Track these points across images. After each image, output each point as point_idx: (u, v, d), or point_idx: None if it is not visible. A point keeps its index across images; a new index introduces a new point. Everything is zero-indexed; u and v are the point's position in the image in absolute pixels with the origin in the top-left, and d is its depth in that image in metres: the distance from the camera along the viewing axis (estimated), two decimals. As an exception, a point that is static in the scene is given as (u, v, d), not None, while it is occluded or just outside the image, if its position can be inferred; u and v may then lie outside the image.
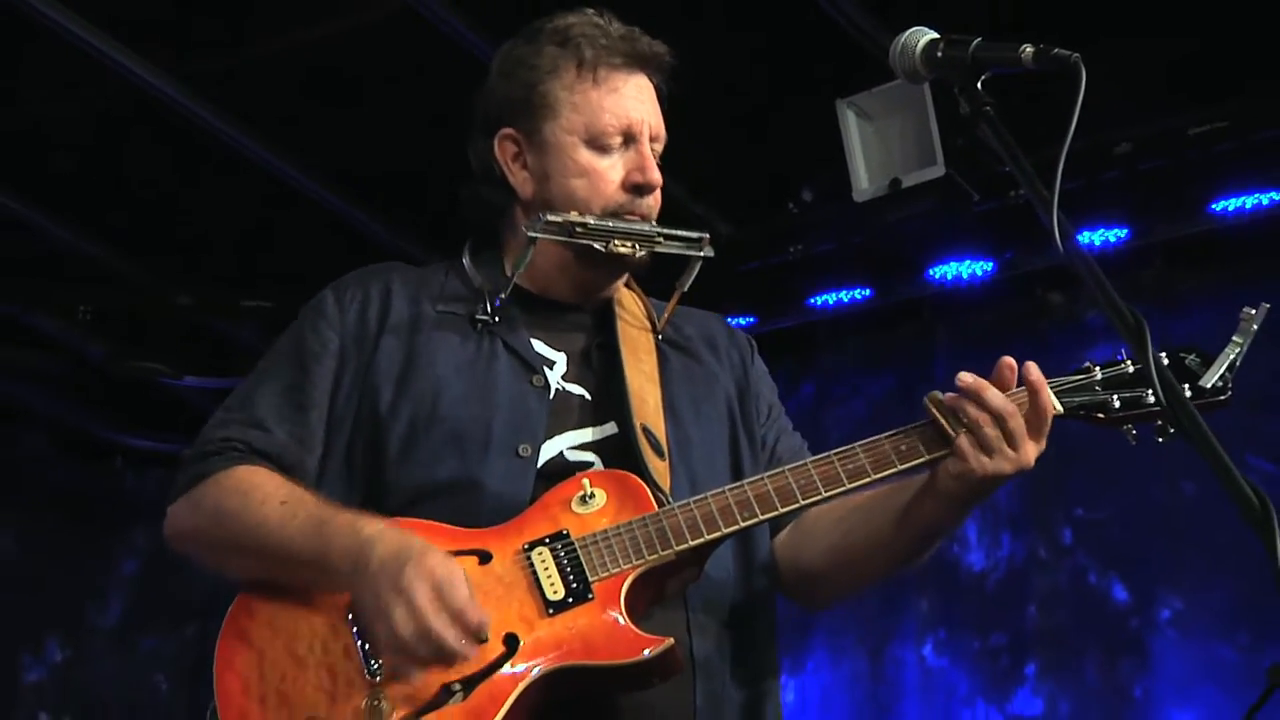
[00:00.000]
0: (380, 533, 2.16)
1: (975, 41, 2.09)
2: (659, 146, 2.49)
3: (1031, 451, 2.23)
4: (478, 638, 2.10)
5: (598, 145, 2.43)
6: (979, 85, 2.08)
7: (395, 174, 5.31)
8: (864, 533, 2.38)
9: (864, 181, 5.01)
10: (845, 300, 5.72)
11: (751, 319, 5.83)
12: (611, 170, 2.43)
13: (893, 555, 2.38)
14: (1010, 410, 2.21)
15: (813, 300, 5.75)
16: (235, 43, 4.93)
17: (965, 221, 5.28)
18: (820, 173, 5.26)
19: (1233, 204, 4.97)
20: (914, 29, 2.17)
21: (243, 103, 5.17)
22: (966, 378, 2.23)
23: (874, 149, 4.99)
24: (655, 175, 2.45)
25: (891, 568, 2.41)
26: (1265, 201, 4.93)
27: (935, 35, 2.15)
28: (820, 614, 5.65)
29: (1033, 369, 2.25)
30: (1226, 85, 4.80)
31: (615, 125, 2.43)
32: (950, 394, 2.24)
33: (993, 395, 2.21)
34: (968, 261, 5.45)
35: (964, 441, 2.20)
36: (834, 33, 4.61)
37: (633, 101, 2.45)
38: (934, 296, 5.62)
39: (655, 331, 2.54)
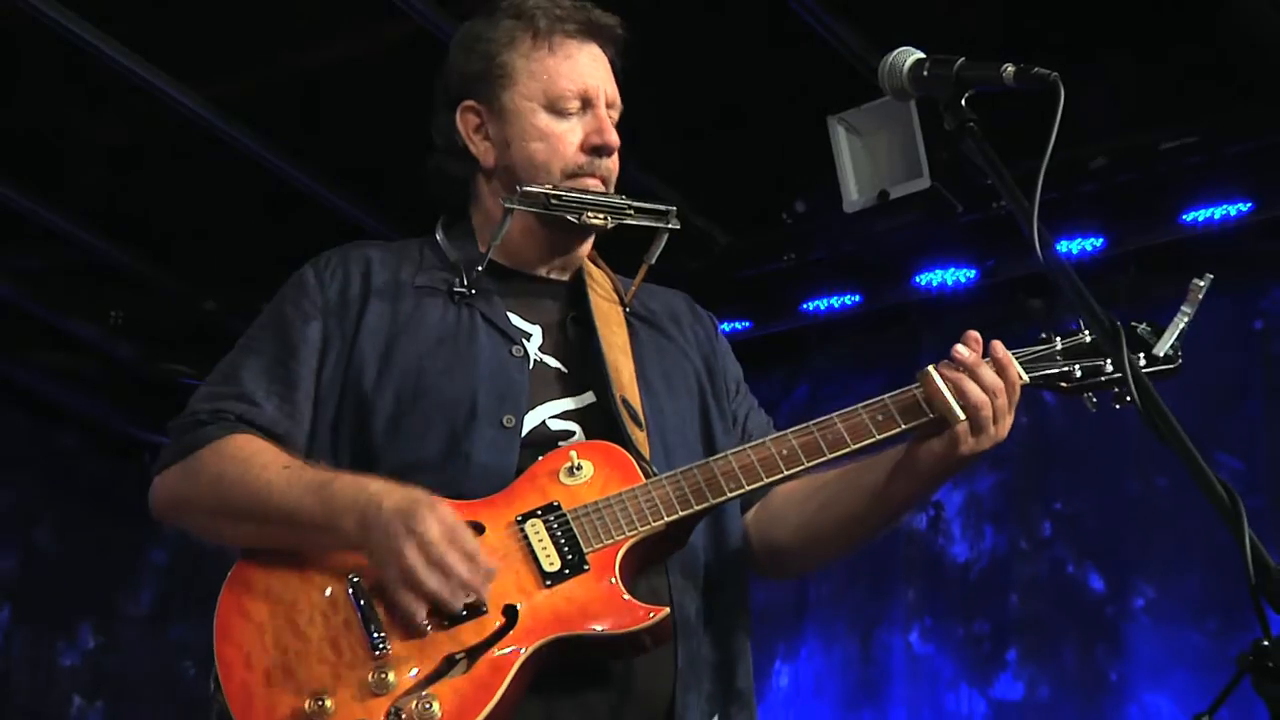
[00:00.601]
0: (386, 488, 2.13)
1: (959, 61, 2.10)
2: (615, 114, 2.46)
3: (1006, 426, 2.22)
4: (487, 580, 2.08)
5: (556, 110, 2.40)
6: (963, 102, 2.08)
7: (408, 184, 5.31)
8: (835, 510, 2.36)
9: (854, 193, 5.01)
10: (836, 306, 5.71)
11: (748, 323, 5.83)
12: (570, 133, 2.40)
13: (864, 530, 2.36)
14: (999, 389, 2.19)
15: (806, 306, 5.75)
16: (259, 62, 4.94)
17: (949, 231, 5.28)
18: (812, 185, 5.26)
19: (1202, 215, 4.97)
20: (901, 49, 2.18)
21: (265, 118, 5.18)
22: (962, 351, 2.22)
23: (863, 163, 4.99)
24: (613, 137, 2.42)
25: (860, 542, 2.39)
26: (1232, 212, 4.93)
27: (921, 55, 2.16)
28: (813, 603, 5.67)
29: (998, 346, 2.24)
30: (1196, 103, 4.80)
31: (572, 90, 2.41)
32: (946, 366, 2.22)
33: (986, 372, 2.20)
34: (952, 269, 5.45)
35: (962, 427, 2.18)
36: (825, 53, 4.62)
37: (588, 67, 2.43)
38: (920, 302, 5.62)
39: (623, 305, 2.50)
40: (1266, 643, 1.62)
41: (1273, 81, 4.62)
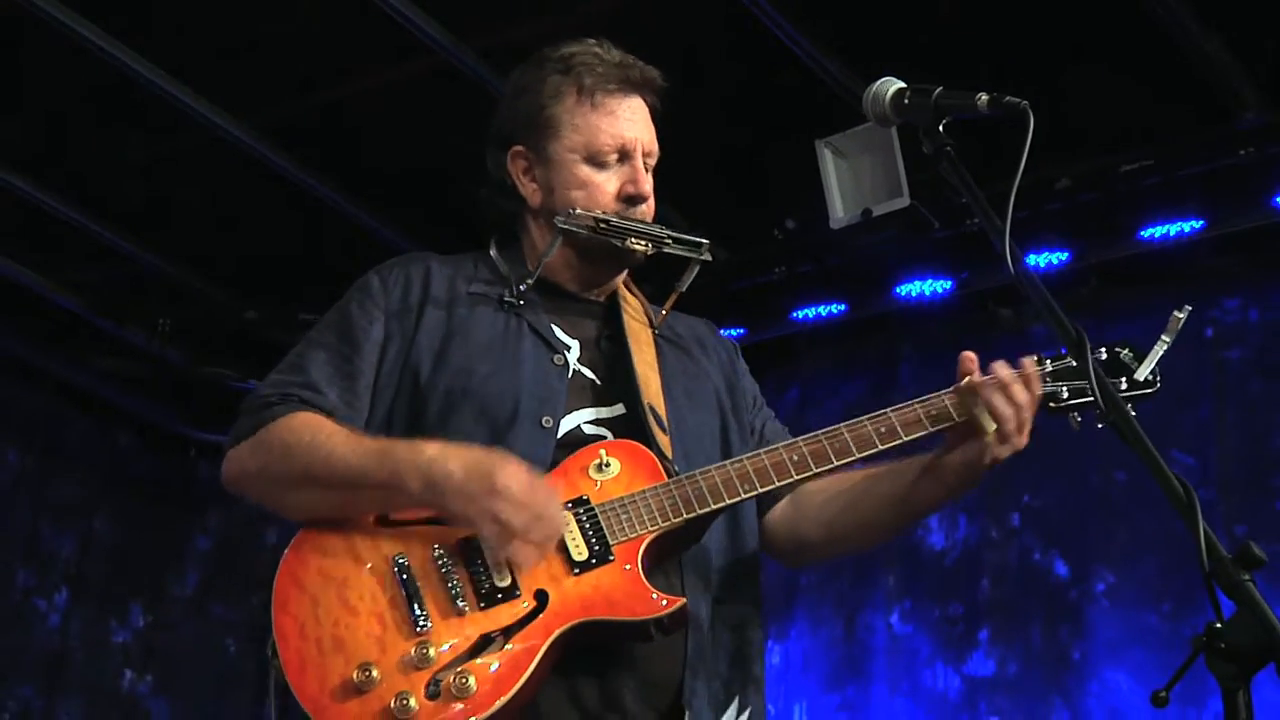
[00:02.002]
0: (443, 449, 2.15)
1: (937, 90, 2.09)
2: (652, 161, 2.49)
3: (1026, 437, 2.24)
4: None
5: (595, 161, 2.43)
6: (940, 128, 2.08)
7: (434, 204, 5.31)
8: (858, 512, 2.37)
9: (839, 211, 5.00)
10: (823, 314, 5.69)
11: (742, 330, 5.81)
12: (607, 183, 2.43)
13: (882, 532, 2.39)
14: (1029, 401, 2.22)
15: (795, 314, 5.74)
16: (298, 92, 4.94)
17: (927, 246, 5.27)
18: (802, 204, 5.26)
19: (1158, 231, 4.96)
20: (884, 79, 2.18)
21: (302, 143, 5.18)
22: (1006, 371, 2.23)
23: (848, 183, 4.98)
24: (646, 188, 2.45)
25: (877, 541, 2.42)
26: (1186, 229, 4.92)
27: (902, 85, 2.16)
28: (802, 588, 5.65)
29: (1027, 363, 2.25)
30: (1152, 128, 4.79)
31: (610, 144, 2.43)
32: (982, 381, 2.22)
33: (1019, 390, 2.22)
34: (929, 280, 5.44)
35: (994, 438, 2.21)
36: (814, 83, 4.61)
37: (626, 123, 2.45)
38: (900, 311, 5.60)
39: (653, 327, 2.53)
40: (1219, 624, 1.61)
41: (1220, 107, 4.62)
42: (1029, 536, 5.32)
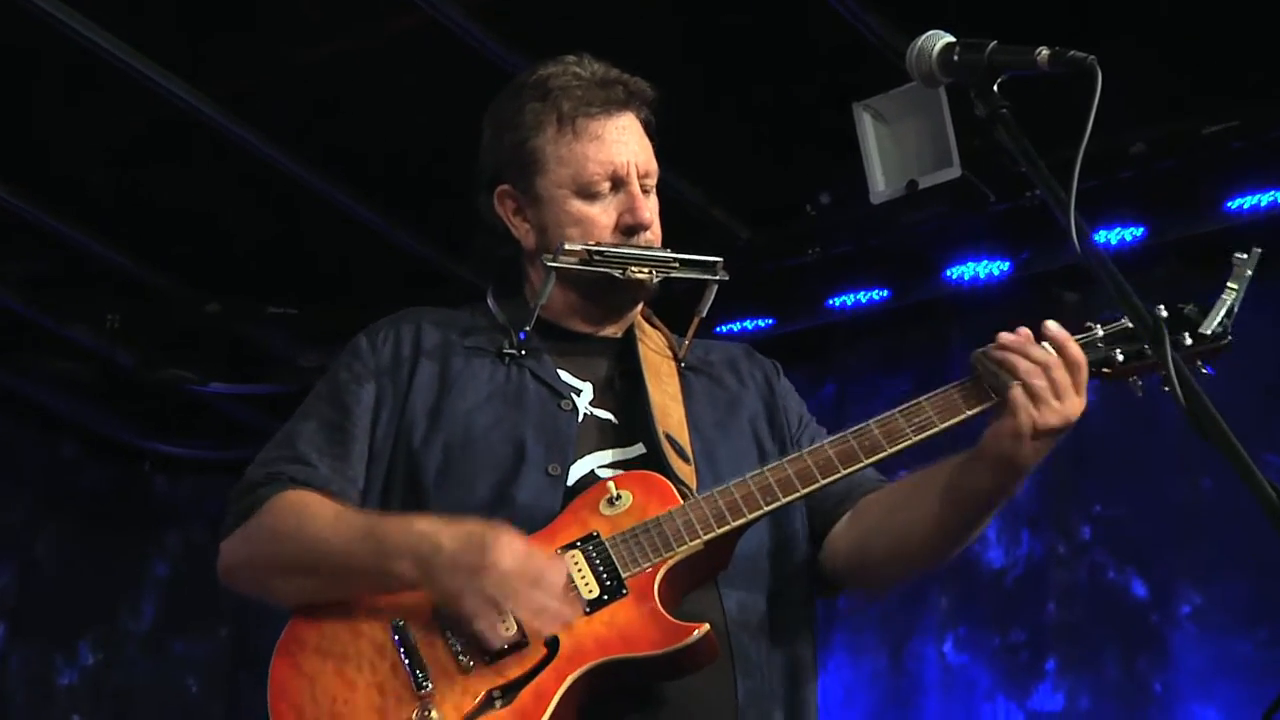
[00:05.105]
0: (435, 525, 2.24)
1: (991, 45, 2.09)
2: (650, 181, 2.53)
3: (1077, 405, 2.25)
4: (572, 604, 2.20)
5: (586, 194, 2.48)
6: (995, 88, 2.08)
7: (420, 182, 5.32)
8: (915, 514, 2.39)
9: (880, 184, 5.00)
10: (863, 301, 5.70)
11: (770, 320, 5.82)
12: (603, 215, 2.48)
13: (945, 533, 2.39)
14: (1054, 360, 2.23)
15: (831, 302, 5.74)
16: (263, 56, 4.94)
17: (981, 222, 5.27)
18: (837, 175, 5.26)
19: (1248, 201, 4.95)
20: (930, 33, 2.18)
21: (269, 113, 5.18)
22: (1008, 335, 2.26)
23: (890, 151, 4.98)
24: (645, 216, 2.49)
25: (950, 546, 2.42)
26: (1279, 199, 4.91)
27: (951, 39, 2.15)
28: (840, 614, 5.66)
29: (1051, 325, 2.27)
30: (1239, 85, 4.78)
31: (600, 173, 2.48)
32: (994, 347, 2.26)
33: (1035, 348, 2.24)
34: (984, 262, 5.44)
35: (1017, 393, 2.22)
36: (850, 37, 4.61)
37: (615, 146, 2.49)
38: (950, 297, 5.60)
39: (677, 359, 2.59)
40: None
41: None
42: (1101, 552, 5.31)
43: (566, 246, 2.44)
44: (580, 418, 2.43)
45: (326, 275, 6.02)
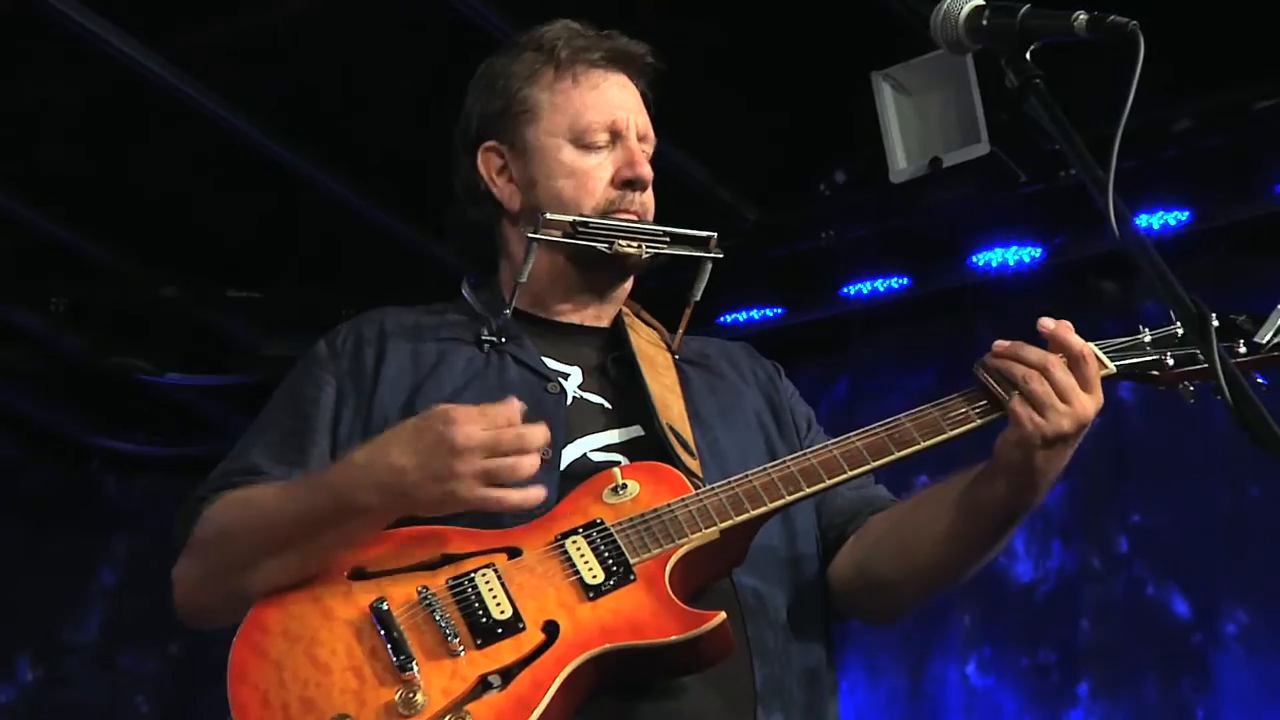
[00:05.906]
0: (369, 447, 2.25)
1: (1024, 8, 2.10)
2: (648, 148, 2.58)
3: (1088, 404, 2.27)
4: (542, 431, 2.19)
5: (583, 144, 2.53)
6: (1027, 56, 2.09)
7: (393, 158, 5.32)
8: (931, 531, 2.42)
9: (901, 161, 5.01)
10: (881, 290, 5.72)
11: (779, 310, 5.83)
12: (599, 168, 2.53)
13: (965, 549, 2.42)
14: (1051, 361, 2.27)
15: (846, 290, 5.75)
16: (219, 14, 4.95)
17: (1011, 204, 5.28)
18: (854, 152, 5.27)
19: (1303, 183, 4.97)
20: (957, -5, 2.18)
21: (227, 75, 5.18)
22: (1001, 342, 2.32)
23: (912, 125, 4.99)
24: (646, 170, 2.53)
25: (965, 564, 2.45)
26: (1338, 182, 4.94)
27: (980, 2, 2.16)
28: (855, 633, 5.67)
29: (1046, 321, 2.31)
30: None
31: (599, 122, 2.53)
32: (989, 356, 2.33)
33: (1029, 350, 2.28)
34: (1014, 247, 5.45)
35: (1016, 403, 2.26)
36: (869, 0, 4.62)
37: (616, 97, 2.55)
38: (976, 285, 5.62)
39: (671, 352, 2.62)
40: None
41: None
42: (1140, 566, 5.33)
43: (549, 216, 2.47)
44: (569, 400, 2.46)
45: (294, 257, 6.02)
